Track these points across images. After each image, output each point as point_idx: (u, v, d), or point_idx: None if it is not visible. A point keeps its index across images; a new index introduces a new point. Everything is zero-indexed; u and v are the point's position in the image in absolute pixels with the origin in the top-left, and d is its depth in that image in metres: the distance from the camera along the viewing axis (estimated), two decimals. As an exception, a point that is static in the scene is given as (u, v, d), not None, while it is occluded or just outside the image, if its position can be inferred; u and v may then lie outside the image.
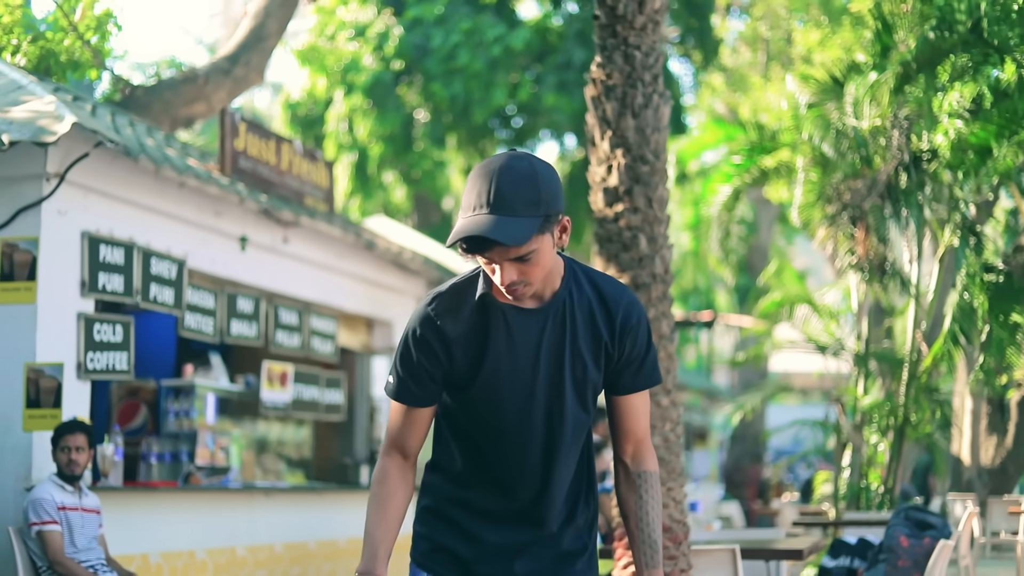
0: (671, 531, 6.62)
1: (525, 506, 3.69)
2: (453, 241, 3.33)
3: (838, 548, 10.10)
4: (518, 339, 3.57)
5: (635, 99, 6.90)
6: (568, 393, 3.63)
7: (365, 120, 21.48)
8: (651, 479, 3.76)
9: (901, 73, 13.59)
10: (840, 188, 14.00)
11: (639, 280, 6.79)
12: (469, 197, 3.36)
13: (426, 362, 3.57)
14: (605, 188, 6.91)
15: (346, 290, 12.33)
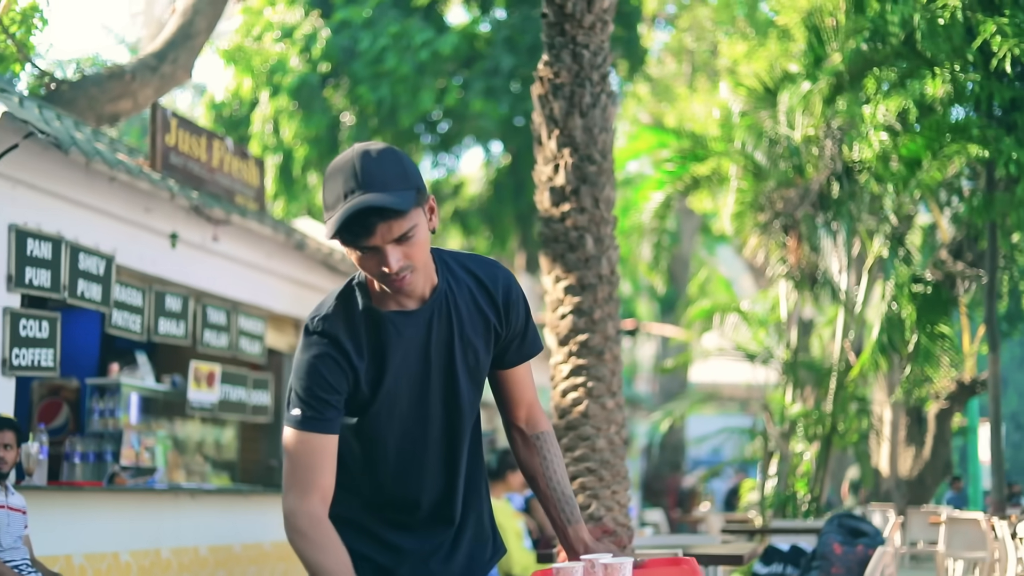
0: (616, 535, 6.55)
1: (435, 506, 3.63)
2: (336, 227, 3.22)
3: (771, 555, 10.10)
4: (409, 345, 3.49)
5: (583, 98, 6.84)
6: (463, 384, 3.59)
7: (290, 122, 21.30)
8: (549, 438, 3.78)
9: (834, 84, 13.69)
10: (773, 197, 14.07)
11: (585, 281, 6.74)
12: (334, 191, 3.27)
13: (335, 383, 3.43)
14: (552, 187, 6.85)
15: (275, 290, 12.19)
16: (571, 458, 6.65)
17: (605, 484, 6.59)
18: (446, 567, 3.68)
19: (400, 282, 3.34)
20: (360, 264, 3.34)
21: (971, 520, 16.83)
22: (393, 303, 3.48)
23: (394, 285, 3.35)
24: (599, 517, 6.51)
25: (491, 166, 23.85)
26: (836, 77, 13.77)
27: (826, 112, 13.94)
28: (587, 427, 6.63)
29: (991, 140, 16.84)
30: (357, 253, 3.32)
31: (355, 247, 3.29)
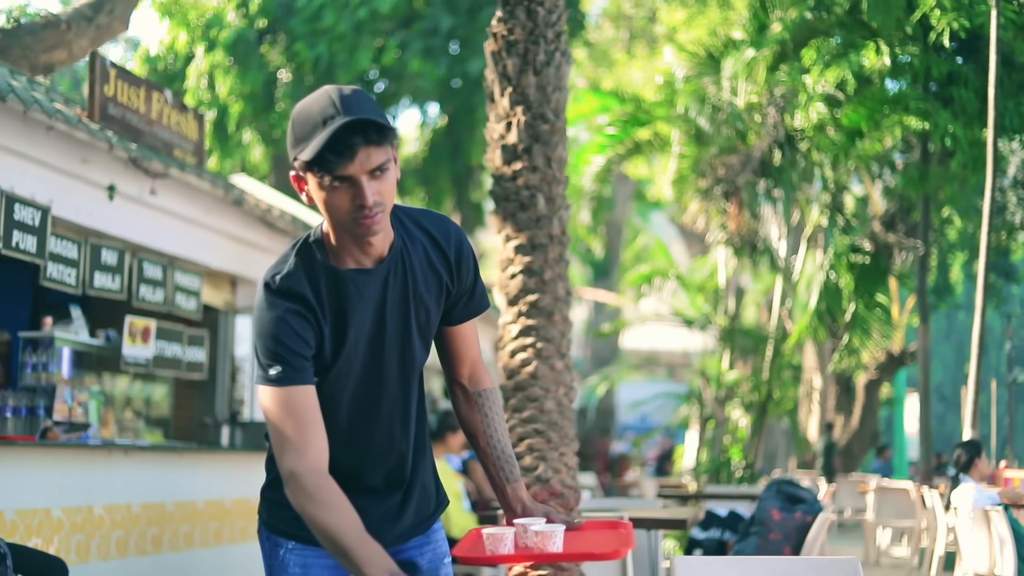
0: (563, 497, 6.54)
1: (387, 469, 3.63)
2: (318, 148, 3.18)
3: (708, 520, 10.14)
4: (367, 304, 3.47)
5: (537, 56, 6.77)
6: (415, 342, 3.57)
7: (226, 77, 21.08)
8: (492, 395, 3.79)
9: (778, 51, 13.71)
10: (714, 163, 14.09)
11: (536, 241, 6.68)
12: (308, 122, 3.25)
13: (305, 337, 3.38)
14: (504, 145, 6.78)
15: (212, 246, 12.04)
16: (519, 419, 6.60)
17: (553, 446, 6.56)
18: (394, 527, 3.66)
19: (371, 220, 3.28)
20: (328, 203, 3.26)
21: (901, 489, 17.00)
22: (351, 260, 3.44)
23: (363, 224, 3.29)
24: (546, 479, 6.48)
25: (428, 127, 23.72)
26: (780, 45, 13.79)
27: (769, 80, 13.96)
28: (535, 388, 6.59)
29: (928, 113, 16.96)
30: (325, 192, 3.25)
31: (331, 174, 3.22)
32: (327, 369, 3.45)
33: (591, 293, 27.77)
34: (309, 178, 3.28)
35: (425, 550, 3.76)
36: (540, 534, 3.37)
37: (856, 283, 14.11)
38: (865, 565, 17.08)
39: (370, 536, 3.28)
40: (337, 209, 3.27)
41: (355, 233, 3.33)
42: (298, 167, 3.29)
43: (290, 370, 3.34)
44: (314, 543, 3.54)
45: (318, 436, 3.35)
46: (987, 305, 31.08)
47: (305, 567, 3.65)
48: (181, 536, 11.25)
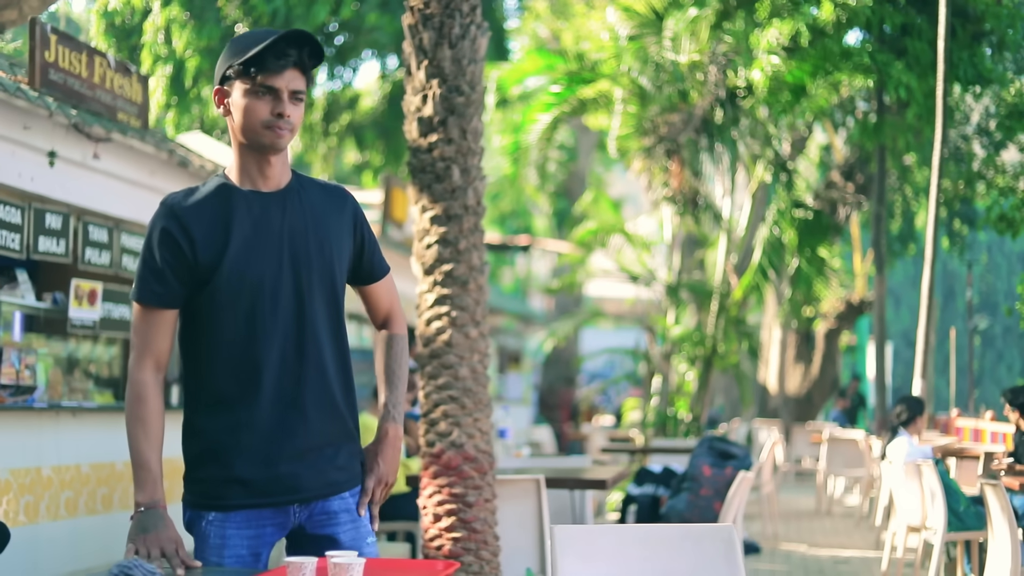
0: (476, 461, 6.70)
1: (288, 399, 3.82)
2: (257, 50, 3.65)
3: (643, 476, 10.32)
4: (261, 222, 3.78)
5: (452, 29, 6.88)
6: (315, 274, 3.84)
7: (183, 32, 21.03)
8: (398, 341, 4.13)
9: (720, 9, 13.78)
10: (657, 121, 14.18)
11: (451, 211, 6.81)
12: (247, 40, 3.73)
13: (170, 257, 3.73)
14: (420, 118, 6.90)
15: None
16: (434, 386, 6.76)
17: (467, 412, 6.71)
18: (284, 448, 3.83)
19: (281, 131, 3.72)
20: (249, 109, 3.70)
21: (850, 440, 17.24)
22: (248, 183, 3.80)
23: (275, 132, 3.72)
24: (460, 444, 6.64)
25: (387, 80, 23.73)
26: (723, 3, 13.87)
27: (713, 38, 14.04)
28: (450, 356, 6.73)
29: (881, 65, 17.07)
30: (248, 99, 3.70)
31: (261, 82, 3.68)
32: (212, 270, 3.74)
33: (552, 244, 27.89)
34: (236, 86, 3.73)
35: (348, 528, 3.95)
36: (338, 566, 3.38)
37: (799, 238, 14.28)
38: (817, 514, 17.35)
39: (157, 464, 3.87)
40: (255, 115, 3.71)
41: (263, 143, 3.73)
42: (232, 73, 3.72)
43: (146, 288, 3.76)
44: (232, 509, 3.84)
45: (158, 347, 3.85)
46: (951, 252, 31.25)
47: (224, 537, 3.88)
48: (131, 495, 11.40)
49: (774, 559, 12.72)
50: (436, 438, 6.71)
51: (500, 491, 6.98)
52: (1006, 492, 10.74)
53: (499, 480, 7.04)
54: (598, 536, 4.31)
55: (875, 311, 17.42)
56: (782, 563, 12.46)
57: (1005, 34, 19.33)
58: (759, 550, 13.11)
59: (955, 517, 9.87)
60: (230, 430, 3.86)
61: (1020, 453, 11.51)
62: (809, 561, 12.63)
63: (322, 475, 3.87)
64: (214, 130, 23.06)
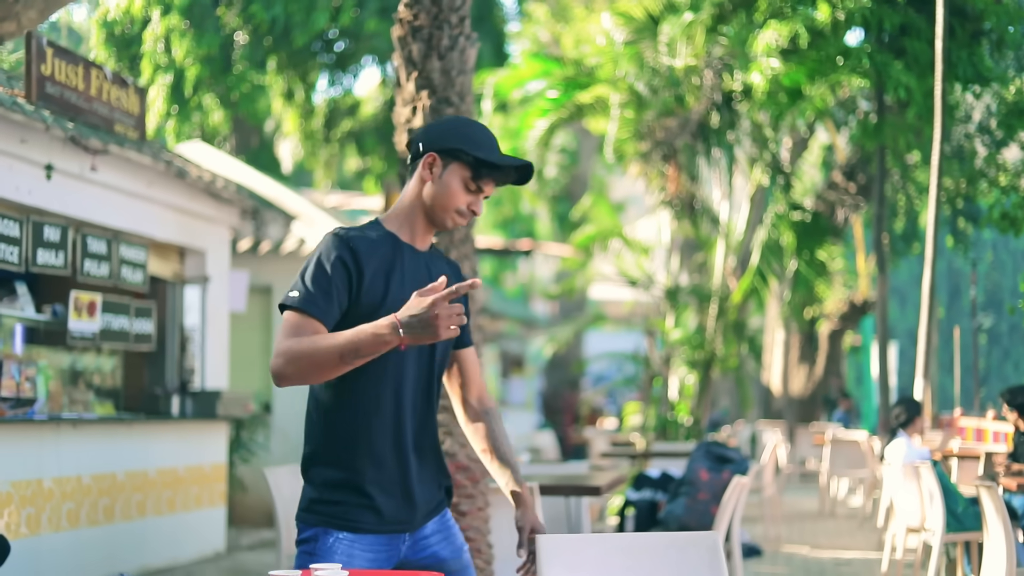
0: (469, 470, 6.73)
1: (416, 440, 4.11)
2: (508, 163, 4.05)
3: (641, 481, 10.35)
4: (411, 277, 4.03)
5: (441, 41, 6.91)
6: None
7: (182, 41, 21.07)
8: (496, 414, 4.40)
9: (716, 13, 13.79)
10: (653, 126, 14.20)
11: (442, 223, 6.84)
12: (488, 138, 4.10)
13: (341, 285, 3.92)
14: (410, 129, 6.94)
15: (157, 218, 12.17)
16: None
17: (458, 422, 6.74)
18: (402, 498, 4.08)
19: (463, 221, 4.12)
20: (452, 192, 4.03)
21: (853, 441, 17.26)
22: (407, 237, 4.11)
23: (457, 222, 4.10)
24: (453, 453, 6.67)
25: (387, 86, 23.76)
26: (718, 7, 13.88)
27: (708, 42, 14.06)
28: (442, 367, 6.77)
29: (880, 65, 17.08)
30: (459, 185, 4.04)
31: (485, 182, 4.06)
32: (368, 315, 3.90)
33: (555, 248, 27.91)
34: (455, 169, 4.03)
35: (444, 544, 4.24)
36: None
37: (797, 241, 14.31)
38: (820, 516, 17.36)
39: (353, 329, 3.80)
40: (456, 201, 4.06)
41: (443, 223, 4.10)
42: (461, 157, 4.02)
43: (312, 303, 3.87)
44: (363, 532, 4.02)
45: None
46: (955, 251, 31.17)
47: (350, 556, 4.02)
48: (133, 505, 11.45)
49: (776, 562, 12.73)
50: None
51: (493, 499, 7.00)
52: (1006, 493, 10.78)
53: (492, 488, 7.06)
54: (583, 545, 4.35)
55: (877, 312, 17.44)
56: (783, 565, 12.48)
57: (1005, 32, 19.34)
58: (761, 553, 13.13)
59: (953, 518, 9.88)
60: (369, 462, 4.04)
61: (1019, 453, 11.53)
62: (811, 563, 12.65)
63: (427, 505, 4.20)
64: (215, 139, 23.12)
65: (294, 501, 7.92)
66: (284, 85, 23.21)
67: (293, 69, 22.61)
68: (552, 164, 30.65)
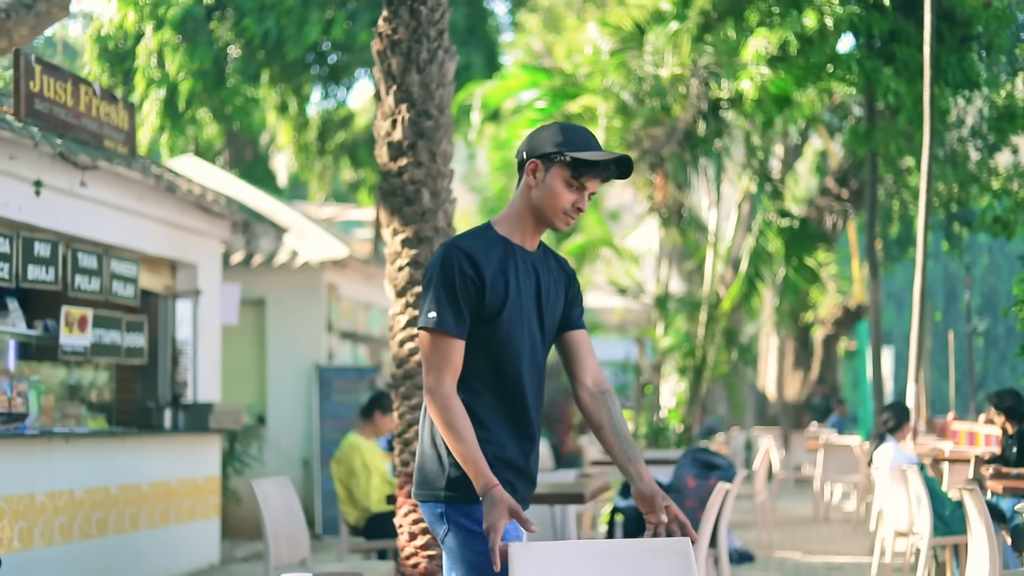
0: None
1: (534, 425, 4.48)
2: (604, 159, 4.26)
3: (628, 489, 10.38)
4: (525, 277, 4.39)
5: (420, 54, 6.98)
6: (547, 325, 4.49)
7: (175, 55, 21.15)
8: (612, 395, 4.63)
9: (702, 22, 13.87)
10: (640, 135, 14.27)
11: (422, 234, 6.91)
12: (584, 138, 4.35)
13: (467, 298, 4.27)
14: (389, 142, 7.01)
15: (148, 233, 12.23)
16: (408, 406, 6.85)
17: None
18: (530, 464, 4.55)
19: (572, 219, 4.38)
20: (557, 193, 4.29)
21: (846, 446, 17.31)
22: (518, 239, 4.41)
23: (568, 220, 4.36)
24: (408, 462, 6.73)
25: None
26: (704, 16, 13.95)
27: (694, 51, 14.12)
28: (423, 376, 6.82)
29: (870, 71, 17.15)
30: (562, 185, 4.29)
31: (582, 180, 4.28)
32: (492, 319, 4.33)
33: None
34: (556, 171, 4.30)
35: None
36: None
37: (786, 247, 14.38)
38: (814, 521, 17.41)
39: (478, 455, 4.24)
40: (561, 201, 4.32)
41: (553, 223, 4.35)
42: (559, 160, 4.28)
43: (449, 322, 4.27)
44: None
45: (454, 364, 4.31)
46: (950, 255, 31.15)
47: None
48: (127, 518, 11.50)
49: (768, 567, 12.78)
50: (410, 457, 6.80)
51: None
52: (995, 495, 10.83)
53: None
54: (557, 553, 4.39)
55: (871, 316, 17.49)
56: (775, 571, 12.53)
57: (994, 36, 19.39)
58: (753, 559, 13.17)
59: (941, 521, 9.94)
60: (500, 446, 4.41)
61: (1008, 456, 11.58)
62: (802, 568, 12.70)
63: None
64: (209, 152, 23.20)
65: (282, 513, 7.98)
66: (278, 98, 23.31)
67: (286, 82, 22.70)
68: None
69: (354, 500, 10.14)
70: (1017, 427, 11.59)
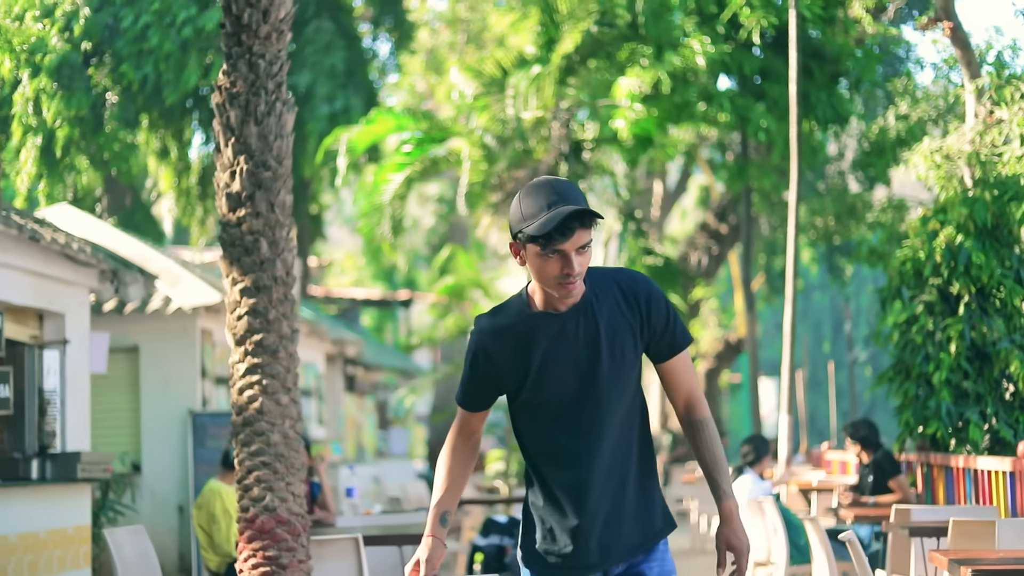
0: (289, 524, 6.90)
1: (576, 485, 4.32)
2: (546, 228, 4.02)
3: (489, 527, 10.54)
4: (557, 340, 4.26)
5: (258, 107, 7.11)
6: (606, 375, 4.28)
7: (52, 102, 21.07)
8: (704, 425, 4.44)
9: (564, 66, 14.12)
10: (504, 177, 14.48)
11: (261, 283, 7.03)
12: (535, 203, 4.11)
13: (482, 379, 4.35)
14: (228, 193, 7.12)
15: (12, 283, 12.19)
16: (247, 453, 6.96)
17: (279, 476, 6.92)
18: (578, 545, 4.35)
19: (572, 285, 4.15)
20: (541, 268, 4.13)
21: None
22: (547, 306, 4.28)
23: (566, 288, 4.15)
24: (273, 508, 6.85)
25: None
26: (566, 60, 14.21)
27: (558, 93, 14.38)
28: (262, 423, 6.94)
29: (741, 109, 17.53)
30: (540, 260, 4.12)
31: (550, 248, 4.07)
32: (518, 390, 4.33)
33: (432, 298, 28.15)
34: (529, 247, 4.12)
35: (653, 565, 4.45)
36: None
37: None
38: (692, 552, 17.65)
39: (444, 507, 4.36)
40: (547, 274, 4.13)
41: (556, 294, 4.18)
42: (522, 239, 4.13)
43: (465, 399, 4.43)
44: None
45: (468, 429, 4.45)
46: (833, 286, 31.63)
47: None
48: (55, 560, 11.47)
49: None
50: (250, 503, 6.91)
51: (319, 551, 7.17)
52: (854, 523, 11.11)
53: (317, 541, 7.23)
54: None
55: (748, 349, 17.81)
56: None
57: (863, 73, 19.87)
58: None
59: (797, 550, 10.20)
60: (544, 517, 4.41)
61: (863, 485, 11.90)
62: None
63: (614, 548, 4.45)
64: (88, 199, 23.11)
65: (135, 562, 8.03)
66: (158, 143, 23.29)
67: (166, 127, 22.71)
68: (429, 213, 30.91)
69: (215, 546, 10.20)
70: (872, 456, 11.92)
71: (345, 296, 30.83)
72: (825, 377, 39.87)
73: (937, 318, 12.01)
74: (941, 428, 11.60)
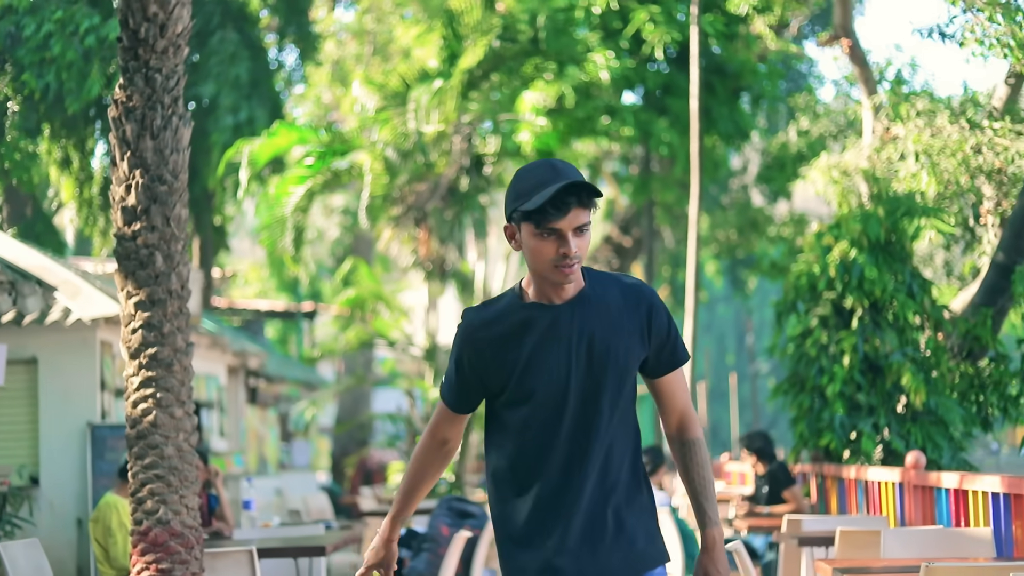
0: (183, 536, 6.91)
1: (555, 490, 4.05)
2: (541, 202, 3.81)
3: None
4: (548, 333, 4.03)
5: (154, 121, 7.13)
6: (603, 377, 4.03)
7: (-49, 111, 20.86)
8: (695, 447, 4.19)
9: (466, 80, 14.23)
10: (405, 191, 14.55)
11: (155, 296, 7.04)
12: (531, 181, 3.92)
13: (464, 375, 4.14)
14: (123, 207, 7.13)
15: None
16: (141, 466, 6.97)
17: (173, 489, 6.94)
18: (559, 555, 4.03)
19: (569, 269, 3.93)
20: (536, 250, 3.92)
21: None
22: (543, 299, 4.07)
23: (562, 271, 3.94)
24: (167, 521, 6.86)
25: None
26: (468, 74, 14.32)
27: (460, 107, 14.48)
28: (156, 436, 6.96)
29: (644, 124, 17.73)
30: (535, 240, 3.91)
31: (546, 227, 3.87)
32: (505, 384, 4.06)
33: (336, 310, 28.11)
34: (524, 227, 3.93)
35: None
36: None
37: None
38: None
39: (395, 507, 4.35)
40: (543, 256, 3.92)
41: (553, 279, 3.97)
42: (516, 218, 3.94)
43: (446, 394, 4.27)
44: None
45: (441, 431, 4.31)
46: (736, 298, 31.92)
47: None
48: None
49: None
50: (143, 516, 6.91)
51: (214, 564, 7.20)
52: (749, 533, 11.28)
53: (211, 553, 7.26)
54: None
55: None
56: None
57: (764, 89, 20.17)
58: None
59: (692, 561, 10.35)
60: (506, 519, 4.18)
61: (759, 496, 12.09)
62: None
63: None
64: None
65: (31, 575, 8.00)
66: (60, 153, 23.09)
67: (68, 136, 22.52)
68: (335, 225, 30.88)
69: (111, 559, 10.15)
70: (767, 467, 12.13)
71: (249, 307, 30.64)
72: (727, 389, 40.36)
73: (831, 331, 12.23)
74: (835, 440, 11.81)
